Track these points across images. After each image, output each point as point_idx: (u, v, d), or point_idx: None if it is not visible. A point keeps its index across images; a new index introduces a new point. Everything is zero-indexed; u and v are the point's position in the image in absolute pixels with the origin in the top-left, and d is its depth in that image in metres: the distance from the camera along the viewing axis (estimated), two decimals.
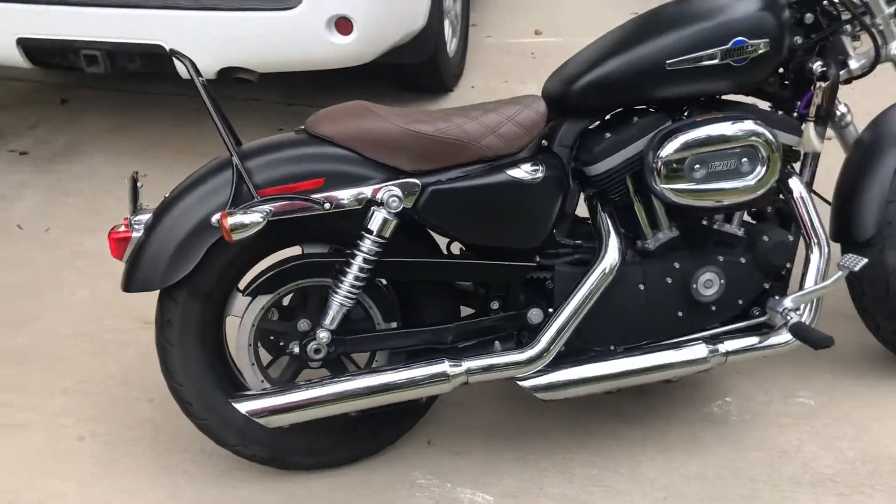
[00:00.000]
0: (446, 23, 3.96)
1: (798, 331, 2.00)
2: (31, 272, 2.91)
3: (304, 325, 1.96)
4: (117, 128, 3.81)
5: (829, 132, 2.22)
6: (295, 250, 2.00)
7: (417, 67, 3.81)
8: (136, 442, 2.22)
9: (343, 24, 3.08)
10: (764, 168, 1.97)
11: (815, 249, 2.09)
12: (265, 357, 2.05)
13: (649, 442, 2.20)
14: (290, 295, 2.01)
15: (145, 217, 1.90)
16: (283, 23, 3.05)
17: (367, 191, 1.85)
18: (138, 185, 1.94)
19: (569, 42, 4.65)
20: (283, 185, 1.86)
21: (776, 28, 1.97)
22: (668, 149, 1.93)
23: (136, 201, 1.93)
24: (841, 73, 2.15)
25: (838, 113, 2.29)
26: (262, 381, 2.01)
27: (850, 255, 2.09)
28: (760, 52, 1.95)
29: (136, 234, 1.89)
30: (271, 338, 2.01)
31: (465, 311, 2.12)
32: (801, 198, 2.10)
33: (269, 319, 1.98)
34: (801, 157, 2.15)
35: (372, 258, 1.87)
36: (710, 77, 1.97)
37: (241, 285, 1.99)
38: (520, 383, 1.98)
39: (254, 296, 1.94)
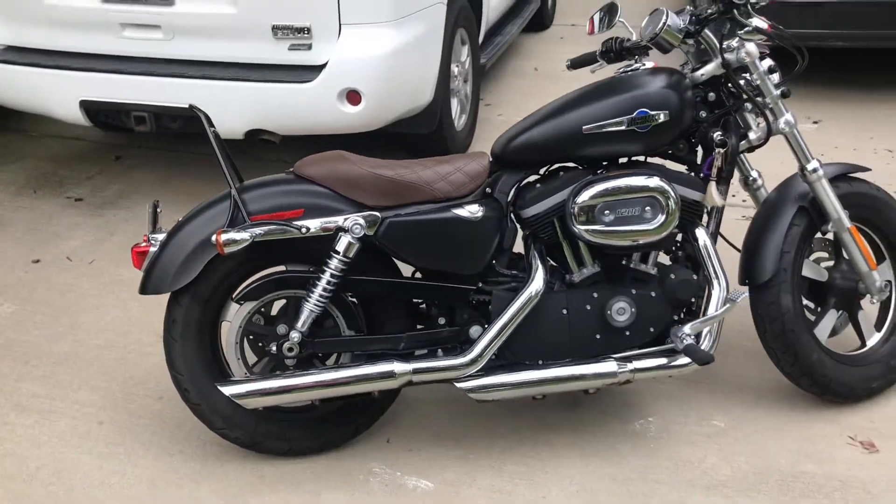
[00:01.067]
0: (454, 101, 4.47)
1: (688, 350, 2.38)
2: (75, 295, 3.42)
3: (282, 329, 2.40)
4: (162, 180, 4.37)
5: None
6: (282, 269, 2.46)
7: (425, 137, 4.31)
8: (144, 428, 2.67)
9: (353, 96, 3.60)
10: (664, 216, 2.38)
11: (715, 287, 2.47)
12: (252, 358, 2.48)
13: (574, 448, 2.57)
14: (276, 305, 2.46)
15: (161, 236, 2.39)
16: (301, 93, 3.58)
17: (336, 220, 2.31)
18: (158, 210, 2.43)
19: None
20: (271, 213, 2.33)
21: (676, 102, 2.40)
22: (583, 196, 2.36)
23: (156, 223, 2.42)
24: (742, 142, 2.57)
25: (751, 178, 2.70)
26: (246, 374, 2.45)
27: (735, 290, 2.47)
28: (660, 121, 2.39)
29: (153, 249, 2.37)
30: (259, 343, 2.45)
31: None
32: (705, 245, 2.50)
33: (254, 323, 2.42)
34: (708, 211, 2.56)
35: (338, 274, 2.32)
36: (619, 141, 2.40)
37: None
38: (456, 384, 2.38)
39: (241, 302, 2.40)
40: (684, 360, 2.43)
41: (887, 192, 2.75)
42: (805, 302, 2.75)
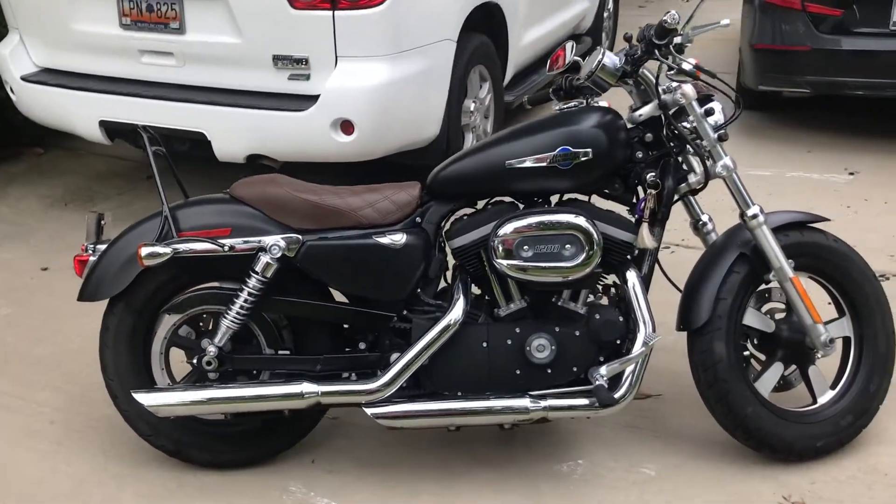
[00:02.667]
0: (470, 136, 4.51)
1: (596, 391, 2.34)
2: (69, 302, 3.55)
3: (205, 343, 2.48)
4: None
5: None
6: (214, 285, 2.54)
7: None
8: (90, 431, 2.78)
9: (346, 126, 3.70)
10: (584, 255, 2.36)
11: (640, 330, 2.42)
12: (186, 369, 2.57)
13: (493, 484, 2.54)
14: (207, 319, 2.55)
15: (102, 247, 2.51)
16: (295, 121, 3.70)
17: (258, 240, 2.39)
18: (103, 223, 2.56)
19: None
20: (200, 230, 2.42)
21: (602, 142, 2.39)
22: (504, 230, 2.37)
23: (100, 234, 2.55)
24: (682, 185, 2.53)
25: (700, 221, 2.64)
26: (169, 384, 2.54)
27: (652, 333, 2.41)
28: (583, 159, 2.38)
29: (93, 259, 2.49)
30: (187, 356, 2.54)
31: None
32: (634, 287, 2.46)
33: (179, 335, 2.51)
34: (644, 252, 2.52)
35: (256, 293, 2.39)
36: (542, 177, 2.40)
37: None
38: (365, 410, 2.41)
39: (167, 314, 2.49)
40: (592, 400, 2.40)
41: (847, 245, 2.64)
42: (755, 353, 2.67)
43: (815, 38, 5.02)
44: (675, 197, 2.51)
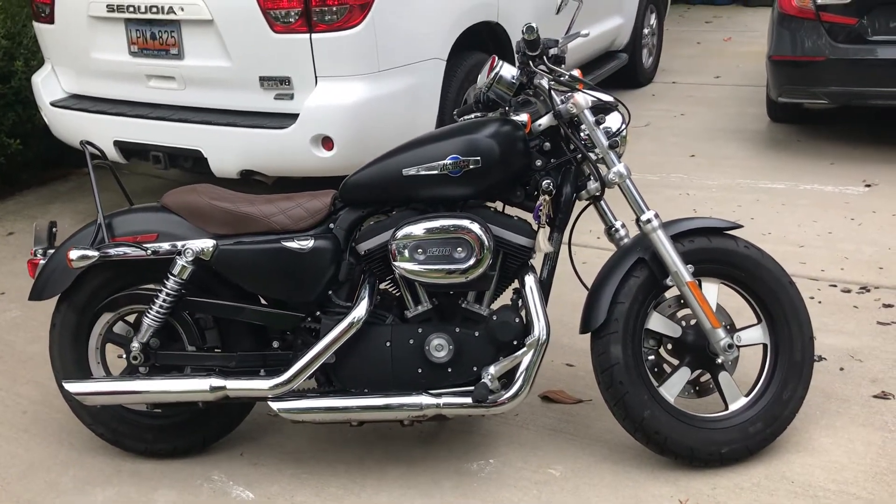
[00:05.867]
0: None
1: (476, 388, 2.44)
2: None
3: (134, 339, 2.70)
4: None
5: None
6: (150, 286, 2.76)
7: None
8: (54, 421, 3.04)
9: (326, 142, 3.90)
10: (475, 258, 2.46)
11: (535, 333, 2.49)
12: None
13: (400, 480, 2.65)
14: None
15: (51, 251, 2.77)
16: (279, 138, 3.92)
17: (177, 244, 2.59)
18: (54, 230, 2.82)
19: None
20: (129, 236, 2.65)
21: (494, 150, 2.48)
22: (399, 235, 2.50)
23: (53, 240, 2.80)
24: (583, 192, 2.60)
25: (613, 227, 2.68)
26: (103, 376, 2.76)
27: (543, 333, 2.46)
28: (472, 167, 2.48)
29: (42, 262, 2.76)
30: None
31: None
32: (531, 289, 2.54)
33: (113, 332, 2.73)
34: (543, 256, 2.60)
35: (173, 293, 2.59)
36: (435, 184, 2.51)
37: None
38: (269, 404, 2.56)
39: (102, 313, 2.72)
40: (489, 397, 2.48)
41: (761, 251, 2.64)
42: (668, 358, 2.70)
43: (830, 48, 4.93)
44: (585, 203, 2.61)
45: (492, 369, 2.49)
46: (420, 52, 4.16)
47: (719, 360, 2.58)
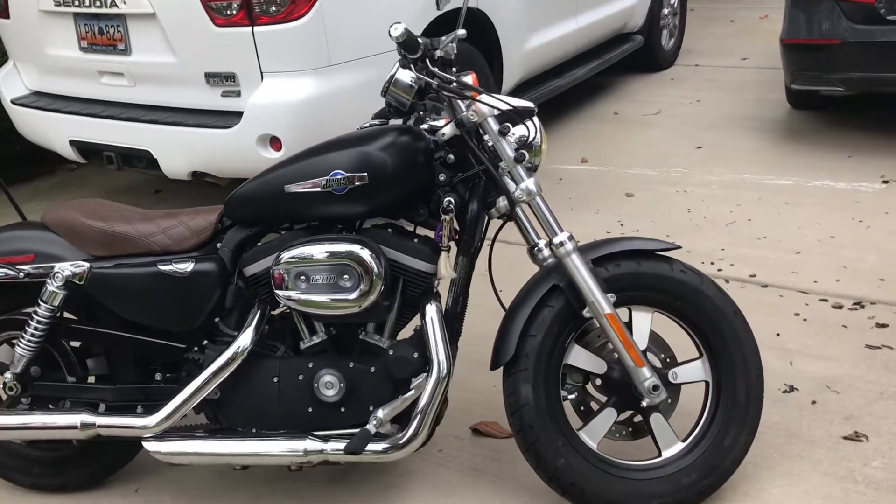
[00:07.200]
0: None
1: (357, 435, 2.17)
2: None
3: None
4: None
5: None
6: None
7: None
8: None
9: (274, 142, 3.64)
10: (363, 286, 2.17)
11: (434, 368, 2.21)
12: None
13: None
14: None
15: None
16: (224, 138, 3.68)
17: (49, 266, 2.37)
18: None
19: (610, 171, 4.84)
20: (4, 257, 2.43)
21: (382, 165, 2.18)
22: (280, 260, 2.23)
23: None
24: (493, 210, 2.29)
25: (536, 247, 2.36)
26: None
27: (443, 371, 2.17)
28: (358, 184, 2.18)
29: None
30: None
31: None
32: (431, 321, 2.24)
33: None
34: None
35: (44, 320, 2.37)
36: (320, 202, 2.22)
37: None
38: (144, 444, 2.33)
39: None
40: (377, 444, 2.21)
41: (701, 276, 2.30)
42: (597, 396, 2.39)
43: (846, 30, 4.47)
44: (503, 221, 2.31)
45: (380, 412, 2.22)
46: (380, 44, 3.84)
47: (644, 403, 2.26)
